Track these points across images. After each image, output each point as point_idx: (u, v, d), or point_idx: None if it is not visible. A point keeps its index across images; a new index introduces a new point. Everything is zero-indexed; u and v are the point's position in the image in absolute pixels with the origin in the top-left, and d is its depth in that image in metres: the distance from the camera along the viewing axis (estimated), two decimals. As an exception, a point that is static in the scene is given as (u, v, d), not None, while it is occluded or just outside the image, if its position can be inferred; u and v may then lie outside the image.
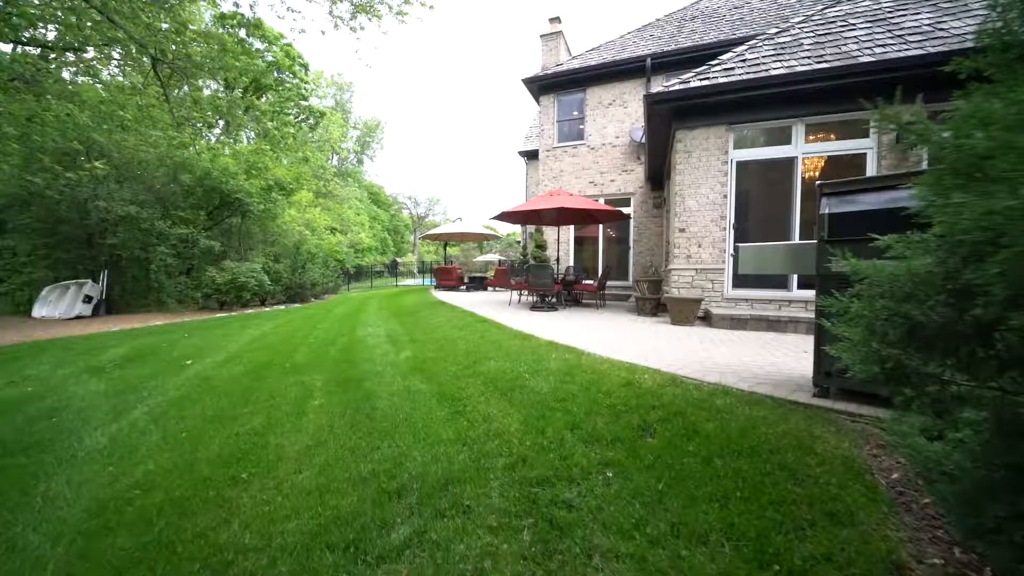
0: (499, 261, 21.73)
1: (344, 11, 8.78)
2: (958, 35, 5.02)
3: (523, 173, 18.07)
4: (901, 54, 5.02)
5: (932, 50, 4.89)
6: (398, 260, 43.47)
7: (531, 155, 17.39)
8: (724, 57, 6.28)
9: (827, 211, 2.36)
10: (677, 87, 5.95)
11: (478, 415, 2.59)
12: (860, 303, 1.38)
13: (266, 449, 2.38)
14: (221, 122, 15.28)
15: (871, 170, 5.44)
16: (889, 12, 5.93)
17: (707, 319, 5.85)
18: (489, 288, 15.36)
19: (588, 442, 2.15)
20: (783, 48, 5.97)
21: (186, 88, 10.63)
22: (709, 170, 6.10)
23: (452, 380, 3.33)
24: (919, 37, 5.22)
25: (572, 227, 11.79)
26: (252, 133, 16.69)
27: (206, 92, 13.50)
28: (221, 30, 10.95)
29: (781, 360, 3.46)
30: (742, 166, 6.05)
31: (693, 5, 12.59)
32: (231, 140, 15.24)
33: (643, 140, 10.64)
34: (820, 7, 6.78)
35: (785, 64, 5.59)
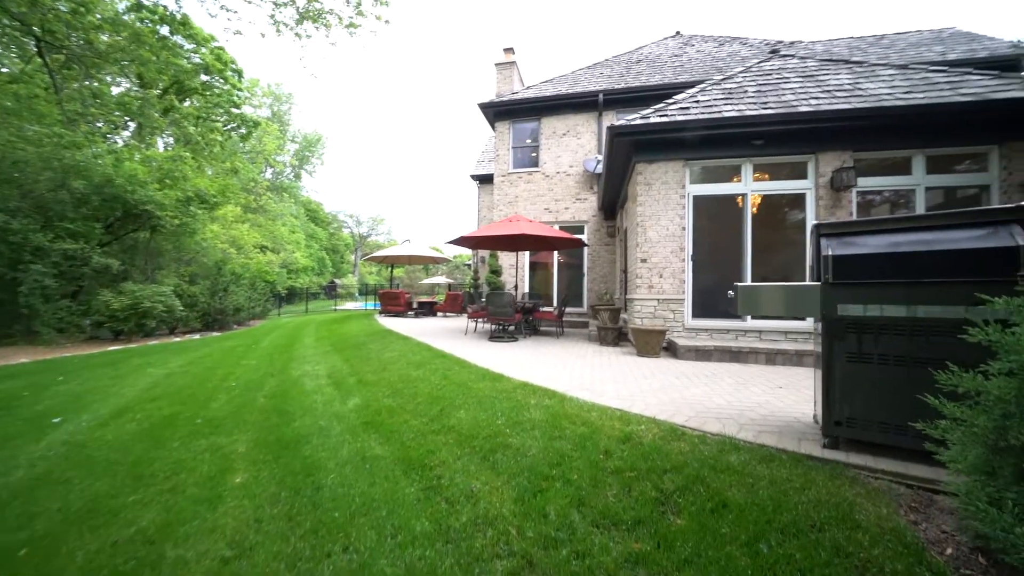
0: (449, 285, 21.07)
1: (288, 17, 8.12)
2: (874, 95, 5.67)
3: (475, 196, 17.91)
4: (832, 107, 5.53)
5: (858, 106, 5.44)
6: (337, 282, 40.88)
7: (484, 179, 17.34)
8: (679, 97, 6.59)
9: (830, 253, 2.28)
10: (638, 121, 6.08)
11: (458, 491, 2.09)
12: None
13: (159, 570, 1.68)
14: (132, 124, 13.37)
15: (811, 208, 5.87)
16: (815, 71, 6.63)
17: (671, 350, 5.82)
18: (439, 313, 14.67)
19: (603, 527, 1.76)
20: (731, 93, 6.39)
21: (90, 82, 9.10)
22: (668, 203, 6.24)
23: (417, 439, 2.77)
24: (844, 94, 5.82)
25: (527, 252, 11.66)
26: (172, 138, 14.80)
27: (118, 88, 11.78)
28: (138, 22, 9.62)
29: (764, 399, 3.36)
30: (698, 200, 6.26)
31: (637, 50, 13.53)
32: (142, 145, 13.33)
33: (596, 170, 10.95)
34: (756, 61, 7.46)
35: (735, 107, 5.95)
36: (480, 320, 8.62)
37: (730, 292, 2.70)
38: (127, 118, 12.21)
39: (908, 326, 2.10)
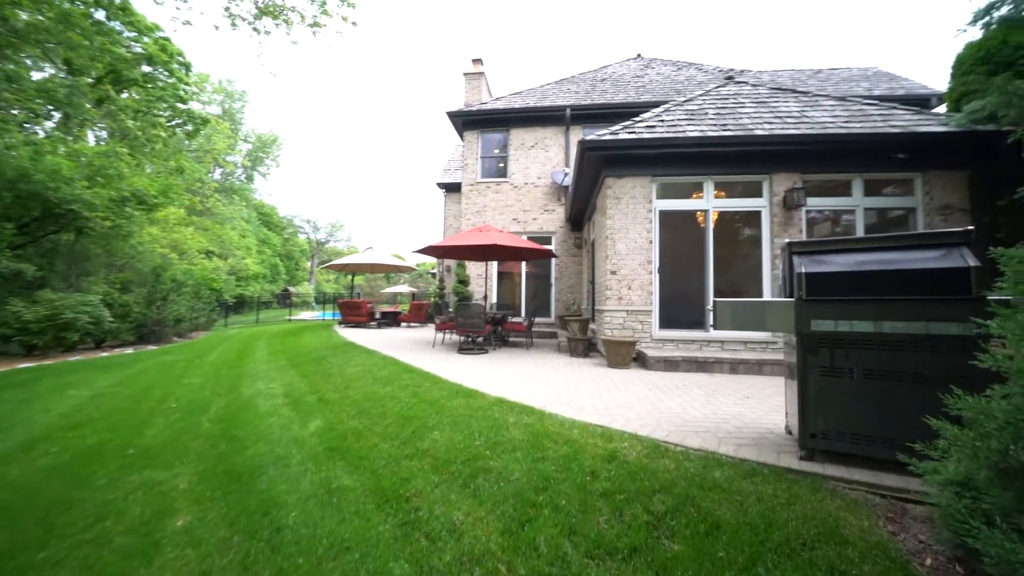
0: (413, 294, 20.52)
1: (245, 11, 7.65)
2: (819, 123, 6.15)
3: (441, 205, 17.66)
4: (784, 131, 5.93)
5: (807, 132, 5.88)
6: (291, 289, 38.72)
7: (450, 187, 17.15)
8: (645, 116, 6.83)
9: (803, 270, 2.36)
10: (608, 137, 6.22)
11: (439, 525, 1.93)
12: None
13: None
14: (58, 113, 12.02)
15: (766, 224, 6.23)
16: (767, 98, 7.11)
17: (640, 360, 5.91)
18: (403, 324, 14.20)
19: (598, 557, 1.67)
20: (693, 114, 6.71)
21: (3, 63, 8.08)
22: (636, 216, 6.40)
23: (389, 466, 2.57)
24: (793, 120, 6.28)
25: (495, 263, 11.58)
26: (107, 132, 13.44)
27: (42, 74, 10.54)
28: (67, 2, 8.69)
29: (735, 410, 3.44)
30: (664, 215, 6.47)
31: (602, 69, 14.02)
32: (69, 138, 11.99)
33: (564, 183, 11.12)
34: (714, 85, 7.91)
35: (698, 128, 6.24)
36: (448, 331, 8.40)
37: (708, 307, 2.74)
38: (50, 107, 10.96)
39: (876, 341, 2.20)
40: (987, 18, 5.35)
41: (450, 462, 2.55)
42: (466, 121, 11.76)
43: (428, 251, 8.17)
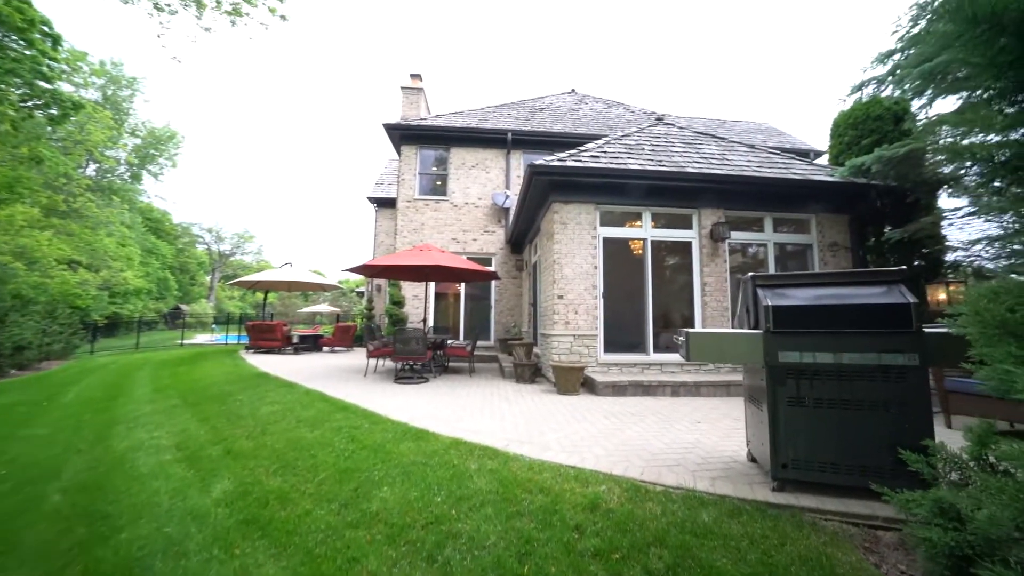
0: (337, 316, 18.85)
1: (143, -19, 6.54)
2: (738, 165, 6.90)
3: (372, 220, 16.71)
4: (711, 171, 6.53)
5: (729, 172, 6.54)
6: (184, 308, 33.46)
7: (383, 202, 16.33)
8: (589, 146, 7.09)
9: (769, 303, 2.43)
10: (556, 163, 6.31)
11: (408, 624, 1.52)
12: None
13: None
14: None
15: (696, 254, 6.73)
16: (692, 140, 7.85)
17: (588, 386, 5.89)
18: (325, 348, 12.86)
19: (609, 646, 1.40)
20: (631, 149, 7.12)
21: None
22: (582, 242, 6.51)
23: (330, 541, 2.06)
24: (717, 161, 6.97)
25: (433, 283, 11.07)
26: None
27: None
28: None
29: (693, 437, 3.47)
30: (608, 241, 6.68)
31: (540, 99, 14.59)
32: None
33: (505, 205, 11.14)
34: (647, 124, 8.56)
35: (637, 161, 6.61)
36: (382, 358, 7.68)
37: (677, 338, 2.72)
38: None
39: (836, 371, 2.31)
40: (859, 92, 6.52)
41: (408, 527, 2.12)
42: (404, 135, 11.31)
43: (362, 270, 7.48)
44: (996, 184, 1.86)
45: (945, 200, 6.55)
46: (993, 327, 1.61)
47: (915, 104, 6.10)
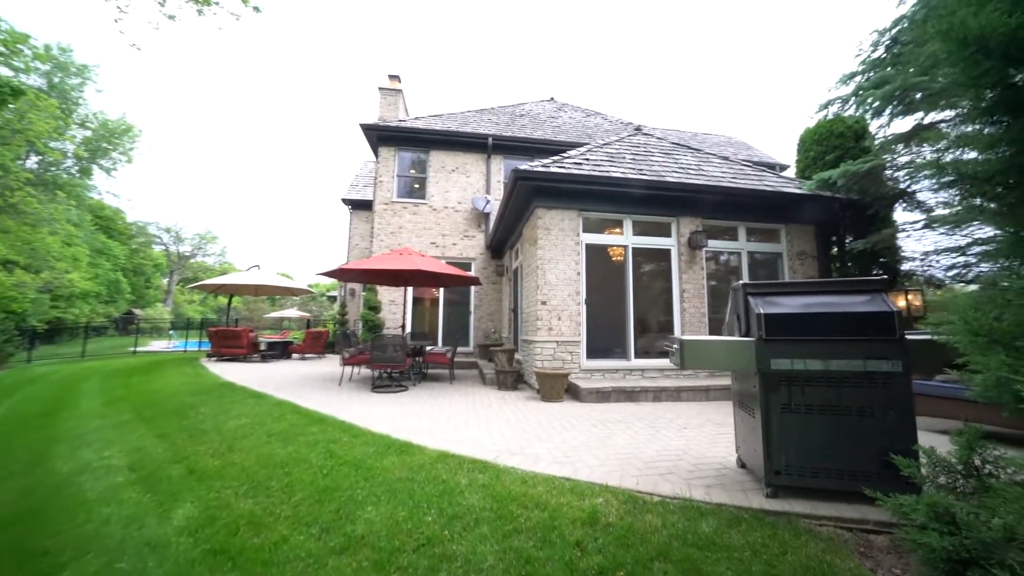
0: (308, 321, 18.11)
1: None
2: (714, 176, 7.12)
3: (347, 223, 16.25)
4: (690, 181, 6.71)
5: (706, 183, 6.73)
6: (137, 312, 31.33)
7: (358, 205, 15.91)
8: (571, 153, 7.13)
9: (761, 311, 2.47)
10: (540, 168, 6.30)
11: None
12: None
13: None
14: None
15: (675, 261, 6.87)
16: (670, 150, 8.06)
17: (572, 392, 5.86)
18: (295, 355, 12.31)
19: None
20: (613, 157, 7.22)
21: None
22: (565, 248, 6.52)
23: (310, 572, 1.88)
24: (694, 172, 7.16)
25: (411, 288, 10.82)
26: None
27: None
28: None
29: (681, 443, 3.48)
30: (590, 248, 6.72)
31: (519, 105, 14.66)
32: None
33: (485, 209, 11.07)
34: (627, 134, 8.73)
35: (619, 169, 6.70)
36: (358, 366, 7.38)
37: (670, 345, 2.72)
38: None
39: (825, 378, 2.36)
40: (826, 111, 6.90)
41: (398, 552, 1.98)
42: (382, 136, 11.06)
43: (338, 274, 7.19)
44: (975, 200, 1.95)
45: (900, 214, 7.02)
46: (982, 336, 1.67)
47: (874, 124, 6.53)
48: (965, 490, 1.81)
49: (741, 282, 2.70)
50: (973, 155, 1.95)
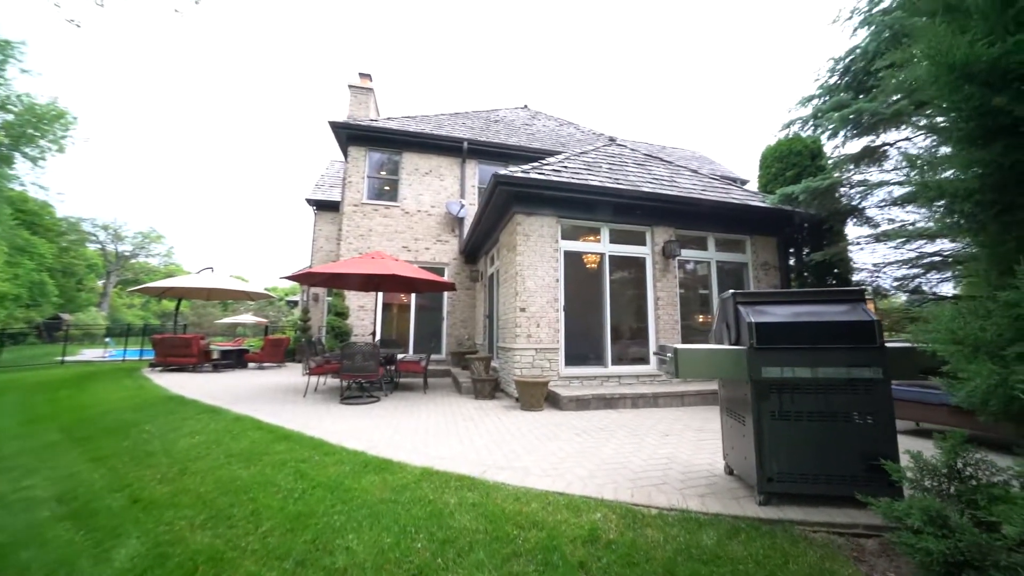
0: (266, 328, 17.07)
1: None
2: (685, 187, 7.38)
3: (311, 224, 15.57)
4: (664, 191, 6.89)
5: (679, 194, 6.95)
6: (66, 317, 28.34)
7: (323, 205, 15.30)
8: (551, 160, 7.16)
9: (752, 320, 2.50)
10: (520, 174, 6.26)
11: None
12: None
13: None
14: None
15: (649, 270, 7.01)
16: (643, 161, 8.28)
17: (552, 400, 5.80)
18: (252, 365, 11.52)
19: None
20: (590, 165, 7.31)
21: None
22: (544, 255, 6.49)
23: (294, 610, 1.68)
24: (667, 183, 7.39)
25: (380, 293, 10.43)
26: None
27: None
28: None
29: (667, 451, 3.49)
30: (568, 255, 6.74)
31: (494, 111, 14.65)
32: None
33: (460, 214, 10.90)
34: (602, 144, 8.89)
35: (597, 178, 6.79)
36: (324, 375, 6.96)
37: (656, 354, 2.71)
38: None
39: (813, 385, 2.42)
40: (787, 130, 7.34)
41: (388, 584, 1.80)
42: (353, 136, 10.66)
43: (304, 278, 6.79)
44: (952, 217, 2.06)
45: (850, 228, 7.55)
46: (967, 345, 1.75)
47: (829, 144, 7.01)
48: (948, 492, 1.89)
49: (731, 291, 2.74)
50: (947, 174, 2.06)
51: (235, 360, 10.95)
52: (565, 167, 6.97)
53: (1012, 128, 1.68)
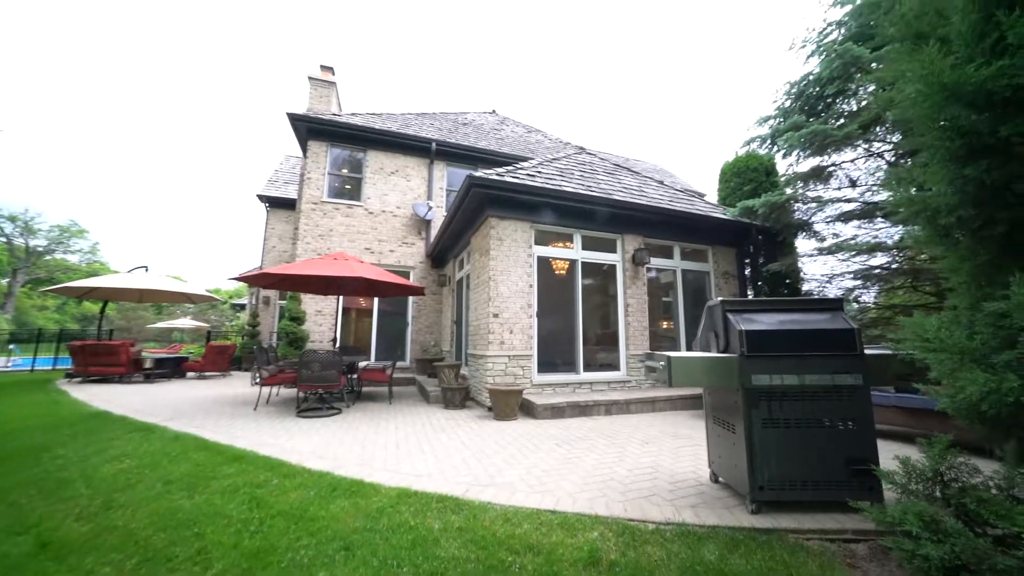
0: (208, 333, 15.65)
1: None
2: (653, 198, 7.57)
3: (263, 222, 14.57)
4: (634, 200, 7.03)
5: (648, 203, 7.11)
6: (-42, 322, 24.50)
7: (276, 202, 14.39)
8: (524, 165, 7.08)
9: (742, 328, 2.51)
10: (494, 177, 6.12)
11: None
12: None
13: None
14: None
15: (620, 277, 7.10)
16: (613, 171, 8.43)
17: (526, 409, 5.66)
18: (191, 374, 10.47)
19: None
20: (563, 172, 7.32)
21: None
22: (517, 260, 6.38)
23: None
24: (636, 192, 7.55)
25: (340, 297, 9.84)
26: None
27: None
28: None
29: (650, 460, 3.46)
30: (542, 260, 6.67)
31: (462, 114, 14.46)
32: None
33: (427, 216, 10.58)
34: (573, 152, 8.97)
35: (570, 184, 6.79)
36: (278, 386, 6.38)
37: (649, 363, 2.66)
38: None
39: (800, 392, 2.45)
40: (748, 147, 7.75)
41: (371, 631, 1.57)
42: (313, 130, 10.06)
43: (259, 279, 6.22)
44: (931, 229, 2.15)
45: (800, 241, 8.09)
46: (954, 354, 1.81)
47: (784, 162, 7.47)
48: (935, 495, 1.95)
49: (720, 299, 2.75)
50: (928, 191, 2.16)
51: (172, 369, 9.89)
52: (539, 172, 6.93)
53: (994, 147, 1.77)
